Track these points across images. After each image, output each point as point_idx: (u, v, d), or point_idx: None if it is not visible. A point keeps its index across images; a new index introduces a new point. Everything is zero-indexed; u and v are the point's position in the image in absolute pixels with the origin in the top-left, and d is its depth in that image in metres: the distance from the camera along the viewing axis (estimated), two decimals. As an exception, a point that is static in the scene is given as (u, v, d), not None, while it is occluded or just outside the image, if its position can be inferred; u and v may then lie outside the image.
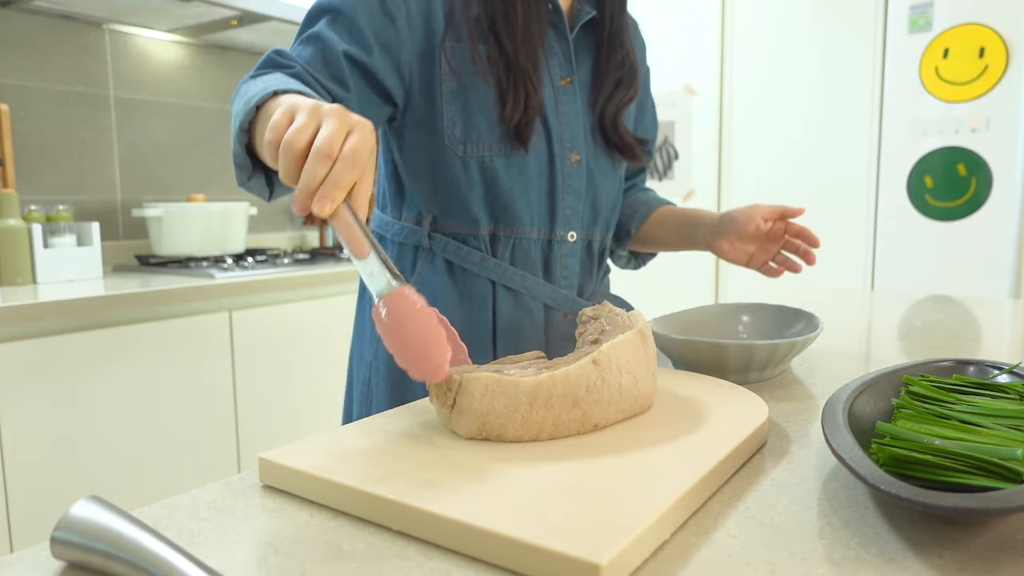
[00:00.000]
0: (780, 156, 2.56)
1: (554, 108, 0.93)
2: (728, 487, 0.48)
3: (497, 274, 0.93)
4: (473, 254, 0.93)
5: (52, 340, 1.53)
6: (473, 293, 0.95)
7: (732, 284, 2.74)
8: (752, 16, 2.57)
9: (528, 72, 0.88)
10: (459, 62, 0.88)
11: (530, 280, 0.94)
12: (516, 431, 0.53)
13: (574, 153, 0.95)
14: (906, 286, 2.27)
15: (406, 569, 0.38)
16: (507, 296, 0.94)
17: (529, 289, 0.94)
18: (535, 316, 0.96)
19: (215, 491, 0.49)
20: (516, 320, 0.95)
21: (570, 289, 0.98)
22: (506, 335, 0.94)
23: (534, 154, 0.91)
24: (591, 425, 0.55)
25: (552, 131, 0.93)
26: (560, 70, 0.94)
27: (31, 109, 2.06)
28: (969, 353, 0.90)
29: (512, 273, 0.94)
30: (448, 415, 0.55)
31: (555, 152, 0.93)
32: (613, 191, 1.03)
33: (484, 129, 0.89)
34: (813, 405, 0.67)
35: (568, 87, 0.95)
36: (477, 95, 0.89)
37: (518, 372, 0.55)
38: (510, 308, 0.95)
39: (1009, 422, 0.50)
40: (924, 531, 0.41)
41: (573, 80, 0.95)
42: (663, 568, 0.38)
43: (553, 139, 0.93)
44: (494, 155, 0.90)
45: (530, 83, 0.88)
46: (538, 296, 0.95)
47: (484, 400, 0.52)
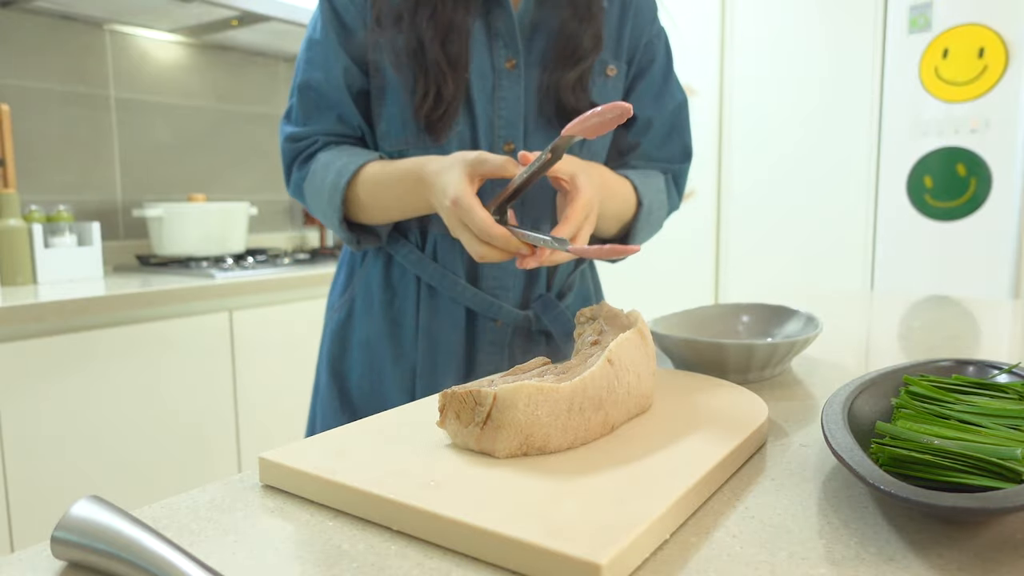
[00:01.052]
0: (780, 156, 2.56)
1: (489, 95, 0.88)
2: (728, 487, 0.48)
3: (420, 268, 0.91)
4: (406, 246, 0.92)
5: (52, 340, 1.53)
6: (401, 288, 0.93)
7: (732, 284, 2.74)
8: (752, 16, 2.57)
9: (439, 62, 0.83)
10: (380, 56, 0.87)
11: (450, 279, 0.90)
12: (558, 441, 0.50)
13: (507, 142, 0.89)
14: (906, 286, 2.27)
15: (406, 569, 0.38)
16: (429, 295, 0.91)
17: (448, 289, 0.90)
18: (455, 319, 0.91)
19: (215, 491, 0.49)
20: (435, 321, 0.91)
21: (502, 291, 0.92)
22: (426, 335, 0.91)
23: (456, 144, 0.87)
24: (610, 427, 0.54)
25: (479, 119, 0.87)
26: (505, 51, 0.88)
27: (32, 109, 2.06)
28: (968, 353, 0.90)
29: (433, 270, 0.90)
30: (478, 434, 0.50)
31: (481, 142, 0.88)
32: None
33: (400, 123, 0.88)
34: (813, 405, 0.67)
35: (513, 70, 0.88)
36: (393, 89, 0.87)
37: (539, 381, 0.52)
38: (430, 308, 0.91)
39: (1009, 422, 0.50)
40: (924, 531, 0.41)
41: (519, 62, 0.88)
42: (663, 568, 0.38)
43: (479, 128, 0.87)
44: (409, 149, 0.88)
45: (441, 74, 0.83)
46: (458, 298, 0.90)
47: (528, 410, 0.49)
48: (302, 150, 0.91)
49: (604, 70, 0.94)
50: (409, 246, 0.92)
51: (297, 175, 0.92)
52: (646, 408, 0.59)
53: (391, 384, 0.93)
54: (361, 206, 0.87)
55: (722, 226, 2.74)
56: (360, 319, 0.96)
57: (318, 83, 0.89)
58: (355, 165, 0.85)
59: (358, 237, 0.91)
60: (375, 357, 0.94)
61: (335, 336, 0.98)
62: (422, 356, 0.91)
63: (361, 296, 0.96)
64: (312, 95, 0.90)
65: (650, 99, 0.99)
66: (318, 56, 0.89)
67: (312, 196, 0.90)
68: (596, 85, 0.92)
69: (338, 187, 0.85)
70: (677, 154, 1.02)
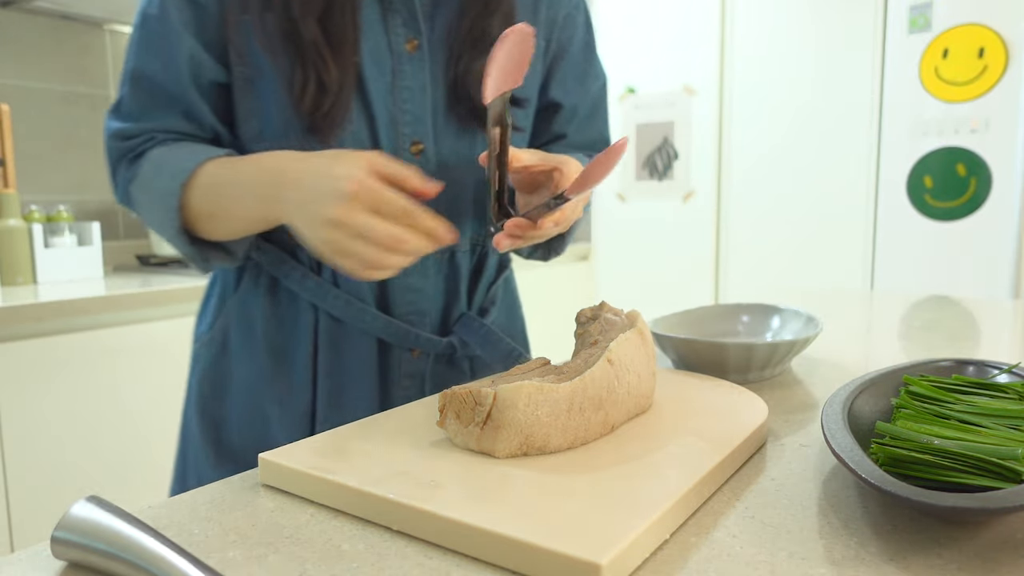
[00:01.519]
0: (780, 156, 2.56)
1: (388, 85, 0.73)
2: (728, 487, 0.48)
3: (318, 296, 0.76)
4: (296, 269, 0.76)
5: (52, 340, 1.53)
6: (294, 319, 0.77)
7: (732, 284, 2.74)
8: (752, 16, 2.57)
9: (316, 43, 0.68)
10: (245, 38, 0.71)
11: (356, 307, 0.76)
12: (558, 441, 0.50)
13: (414, 142, 0.75)
14: (906, 286, 2.27)
15: (406, 569, 0.38)
16: (331, 326, 0.76)
17: (355, 319, 0.76)
18: (363, 353, 0.77)
19: (215, 491, 0.49)
20: (338, 358, 0.77)
21: (418, 316, 0.78)
22: (327, 374, 0.77)
23: (351, 145, 0.72)
24: (609, 427, 0.54)
25: (377, 116, 0.73)
26: (404, 31, 0.73)
27: (32, 109, 2.06)
28: (969, 353, 0.90)
29: (335, 297, 0.75)
30: (478, 434, 0.50)
31: (383, 143, 0.73)
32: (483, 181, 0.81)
33: (280, 122, 0.72)
34: (813, 405, 0.67)
35: (415, 53, 0.73)
36: (268, 79, 0.71)
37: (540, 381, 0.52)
38: (334, 340, 0.77)
39: (1009, 422, 0.50)
40: (924, 531, 0.41)
41: (423, 43, 0.74)
42: (663, 568, 0.38)
43: (379, 126, 0.73)
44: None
45: (319, 58, 0.68)
46: (368, 329, 0.76)
47: (528, 410, 0.49)
48: (132, 149, 0.74)
49: None
50: (301, 269, 0.76)
51: (124, 177, 0.74)
52: (646, 408, 0.59)
53: (279, 432, 0.78)
54: (199, 215, 0.70)
55: (722, 226, 2.74)
56: (237, 356, 0.80)
57: (154, 73, 0.72)
58: (193, 163, 0.69)
59: (205, 254, 0.74)
60: (259, 401, 0.78)
61: (206, 376, 0.82)
62: (324, 398, 0.77)
63: (237, 327, 0.80)
64: (147, 87, 0.72)
65: (573, 82, 0.87)
66: (155, 38, 0.71)
67: (143, 203, 0.74)
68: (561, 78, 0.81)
69: (171, 191, 0.69)
70: (597, 140, 0.91)
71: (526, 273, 2.92)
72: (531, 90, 0.83)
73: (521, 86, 0.72)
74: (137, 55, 0.73)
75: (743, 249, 2.70)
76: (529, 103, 0.83)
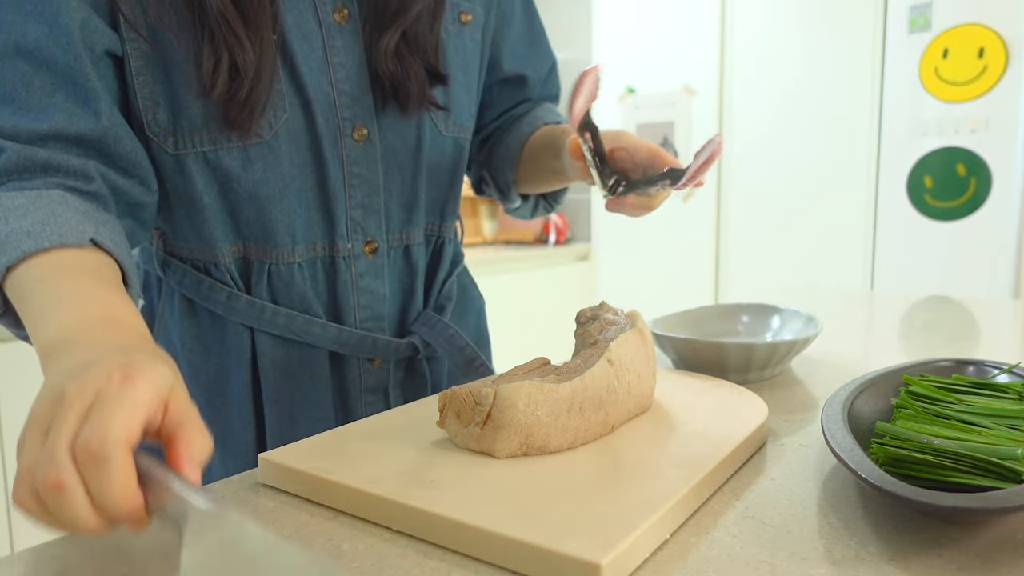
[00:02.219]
0: (780, 156, 2.56)
1: (321, 61, 0.64)
2: (728, 487, 0.48)
3: (252, 317, 0.66)
4: (217, 290, 0.66)
5: (52, 340, 1.53)
6: (221, 344, 0.67)
7: (732, 284, 2.74)
8: (752, 16, 2.57)
9: (226, 15, 0.56)
10: (136, 8, 0.58)
11: (300, 322, 0.67)
12: (558, 441, 0.50)
13: (357, 127, 0.66)
14: (906, 286, 2.27)
15: (406, 569, 0.38)
16: (273, 345, 0.67)
17: (302, 334, 0.67)
18: (314, 370, 0.69)
19: (215, 491, 0.49)
20: (287, 379, 0.68)
21: (375, 322, 0.71)
22: (279, 398, 0.68)
23: (287, 138, 0.63)
24: (609, 427, 0.54)
25: (314, 99, 0.63)
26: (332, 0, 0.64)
27: (31, 109, 2.06)
28: (968, 353, 0.90)
29: (273, 314, 0.66)
30: (478, 434, 0.49)
31: (320, 129, 0.64)
32: (438, 161, 0.73)
33: (196, 109, 0.60)
34: (813, 405, 0.67)
35: (346, 24, 0.65)
36: (175, 59, 0.59)
37: (539, 380, 0.52)
38: (278, 362, 0.67)
39: (1009, 422, 0.50)
40: (924, 531, 0.41)
41: (352, 12, 0.65)
42: (663, 568, 0.38)
43: (316, 110, 0.64)
44: (219, 148, 0.62)
45: (232, 35, 0.57)
46: (318, 342, 0.68)
47: (528, 410, 0.48)
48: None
49: (457, 16, 0.72)
50: (224, 290, 0.66)
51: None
52: (646, 408, 0.59)
53: (219, 472, 0.68)
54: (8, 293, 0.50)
55: (722, 226, 2.74)
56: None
57: (37, 42, 0.54)
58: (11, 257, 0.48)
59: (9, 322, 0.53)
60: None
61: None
62: (274, 426, 0.68)
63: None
64: (29, 63, 0.54)
65: (525, 48, 0.84)
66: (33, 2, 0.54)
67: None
68: (450, 40, 0.72)
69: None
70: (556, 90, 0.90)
71: (526, 274, 2.92)
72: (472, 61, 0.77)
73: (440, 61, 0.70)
74: (11, 23, 0.54)
75: (743, 249, 2.70)
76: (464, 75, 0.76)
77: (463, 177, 0.80)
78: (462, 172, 0.79)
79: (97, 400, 0.35)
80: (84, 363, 0.38)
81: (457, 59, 0.73)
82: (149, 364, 0.38)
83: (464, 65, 0.75)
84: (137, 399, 0.35)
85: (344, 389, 0.71)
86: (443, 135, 0.73)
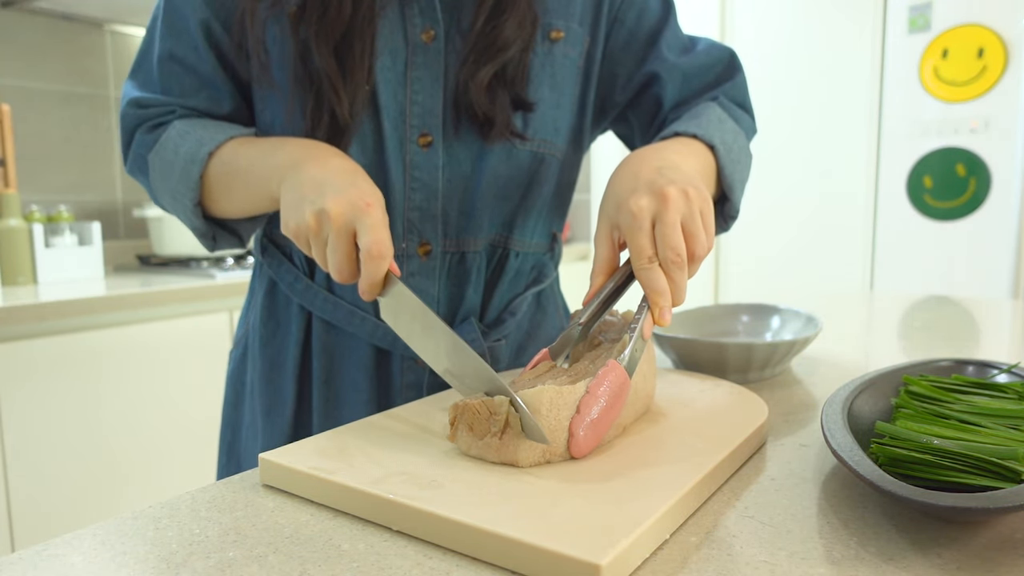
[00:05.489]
0: (780, 156, 2.56)
1: (400, 76, 0.68)
2: (728, 487, 0.48)
3: (307, 298, 0.73)
4: (290, 272, 0.74)
5: (52, 340, 1.53)
6: (286, 323, 0.75)
7: (732, 284, 2.74)
8: (751, 16, 2.57)
9: (331, 76, 0.65)
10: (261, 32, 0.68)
11: (344, 311, 0.72)
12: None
13: (422, 134, 0.69)
14: (906, 286, 2.27)
15: (406, 569, 0.38)
16: (325, 331, 0.73)
17: (345, 322, 0.72)
18: (359, 361, 0.73)
19: (215, 491, 0.49)
20: (333, 365, 0.73)
21: None
22: (325, 381, 0.73)
23: (356, 140, 0.69)
24: (620, 428, 0.54)
25: (384, 107, 0.68)
26: (422, 20, 0.68)
27: (32, 109, 2.06)
28: (969, 353, 0.90)
29: (325, 301, 0.72)
30: (498, 445, 0.47)
31: (387, 133, 0.69)
32: (508, 173, 0.73)
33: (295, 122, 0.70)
34: (813, 405, 0.67)
35: (432, 44, 0.69)
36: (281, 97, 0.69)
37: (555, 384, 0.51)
38: (327, 348, 0.73)
39: (1008, 422, 0.50)
40: (924, 530, 0.41)
41: (439, 33, 0.69)
42: (663, 568, 0.38)
43: (384, 117, 0.68)
44: None
45: (333, 92, 0.65)
46: (358, 332, 0.72)
47: (551, 415, 0.47)
48: (151, 117, 0.72)
49: (547, 35, 0.72)
50: (294, 271, 0.74)
51: (140, 142, 0.72)
52: (647, 408, 0.59)
53: (266, 444, 0.75)
54: (215, 188, 0.69)
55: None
56: (251, 359, 0.78)
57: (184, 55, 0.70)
58: (223, 135, 0.68)
59: (213, 232, 0.73)
60: (256, 408, 0.77)
61: (230, 381, 0.82)
62: (320, 407, 0.74)
63: (253, 330, 0.78)
64: (177, 69, 0.71)
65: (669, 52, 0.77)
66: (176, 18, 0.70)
67: (159, 169, 0.70)
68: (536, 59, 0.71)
69: (196, 158, 0.67)
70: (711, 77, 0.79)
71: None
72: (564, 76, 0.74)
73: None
74: (163, 37, 0.71)
75: (743, 249, 2.70)
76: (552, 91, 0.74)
77: (549, 191, 0.78)
78: (543, 185, 0.76)
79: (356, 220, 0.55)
80: (320, 180, 0.58)
81: (543, 76, 0.72)
82: (371, 190, 0.58)
83: (552, 81, 0.73)
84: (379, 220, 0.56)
85: (387, 382, 0.74)
86: (517, 148, 0.73)
